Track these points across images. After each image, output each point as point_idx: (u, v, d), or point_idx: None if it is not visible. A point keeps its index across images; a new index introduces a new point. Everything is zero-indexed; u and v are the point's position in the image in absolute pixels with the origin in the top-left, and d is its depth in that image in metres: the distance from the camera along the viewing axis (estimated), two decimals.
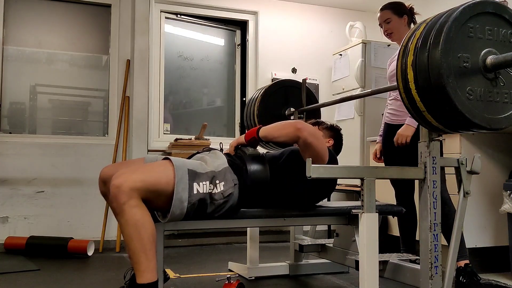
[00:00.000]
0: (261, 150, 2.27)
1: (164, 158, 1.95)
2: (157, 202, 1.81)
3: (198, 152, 2.16)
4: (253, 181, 2.00)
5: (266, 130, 2.10)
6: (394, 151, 2.88)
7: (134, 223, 1.71)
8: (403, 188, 2.88)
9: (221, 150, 2.18)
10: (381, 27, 3.01)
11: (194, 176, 1.84)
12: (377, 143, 3.13)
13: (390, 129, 2.91)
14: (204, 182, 1.86)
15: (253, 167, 2.02)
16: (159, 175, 1.81)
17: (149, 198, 1.77)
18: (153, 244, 1.75)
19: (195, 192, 1.83)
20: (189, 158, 2.11)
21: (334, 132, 2.55)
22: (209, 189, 1.87)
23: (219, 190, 1.90)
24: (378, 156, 3.08)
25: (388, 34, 2.97)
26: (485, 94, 1.61)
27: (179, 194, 1.79)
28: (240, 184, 1.97)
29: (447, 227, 2.17)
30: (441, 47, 1.53)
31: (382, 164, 3.06)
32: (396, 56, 2.97)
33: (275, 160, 2.15)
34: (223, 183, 1.91)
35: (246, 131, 2.19)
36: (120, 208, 1.72)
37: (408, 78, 1.63)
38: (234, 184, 1.95)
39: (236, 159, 2.09)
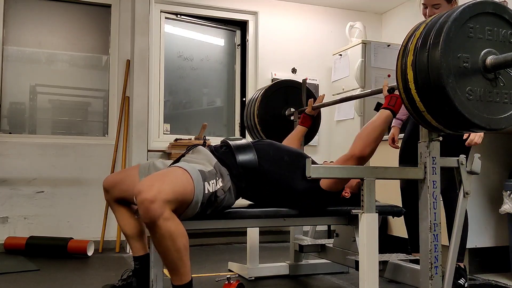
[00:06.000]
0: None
1: (171, 165, 1.96)
2: (177, 209, 1.80)
3: (183, 155, 2.14)
4: (242, 168, 2.05)
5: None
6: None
7: (170, 235, 1.70)
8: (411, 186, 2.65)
9: (204, 144, 2.21)
10: (425, 7, 2.69)
11: (204, 176, 1.88)
12: (393, 126, 2.97)
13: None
14: (212, 181, 1.90)
15: (241, 156, 2.07)
16: (184, 184, 1.80)
17: (174, 207, 1.76)
18: (187, 250, 1.78)
19: (206, 192, 1.86)
20: (176, 161, 2.10)
21: None
22: (214, 187, 1.91)
23: (219, 186, 1.93)
24: (396, 141, 2.92)
25: None
26: (485, 94, 1.60)
27: (197, 197, 1.82)
28: (231, 174, 2.03)
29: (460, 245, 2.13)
30: (441, 47, 1.53)
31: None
32: None
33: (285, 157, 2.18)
34: (220, 179, 1.96)
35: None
36: (154, 223, 1.68)
37: (408, 78, 1.63)
38: (228, 175, 2.01)
39: (220, 150, 2.14)
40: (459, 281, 2.42)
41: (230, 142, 2.14)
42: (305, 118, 2.82)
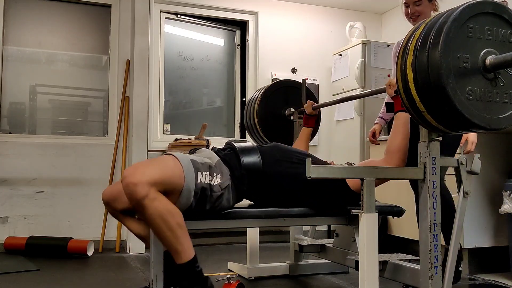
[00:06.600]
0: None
1: (166, 154, 1.97)
2: (168, 194, 1.81)
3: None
4: (246, 170, 2.05)
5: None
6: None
7: (159, 215, 1.72)
8: None
9: (207, 147, 2.22)
10: (406, 6, 2.73)
11: (197, 165, 1.89)
12: (375, 123, 3.00)
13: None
14: (205, 172, 1.91)
15: (246, 158, 2.08)
16: (172, 168, 1.82)
17: (162, 189, 1.77)
18: (183, 227, 1.78)
19: (198, 181, 1.87)
20: None
21: None
22: (209, 179, 1.91)
23: (217, 182, 1.94)
24: (377, 136, 2.95)
25: (414, 18, 2.72)
26: (485, 94, 1.60)
27: (188, 184, 1.83)
28: (232, 175, 2.03)
29: (447, 227, 2.14)
30: (440, 47, 1.53)
31: (377, 146, 3.00)
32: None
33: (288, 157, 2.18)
34: (219, 175, 1.96)
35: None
36: (140, 204, 1.71)
37: (408, 79, 1.63)
38: (229, 174, 2.01)
39: (224, 151, 2.14)
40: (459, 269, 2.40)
41: (235, 144, 2.14)
42: (308, 119, 2.83)
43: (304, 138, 2.80)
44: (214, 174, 1.95)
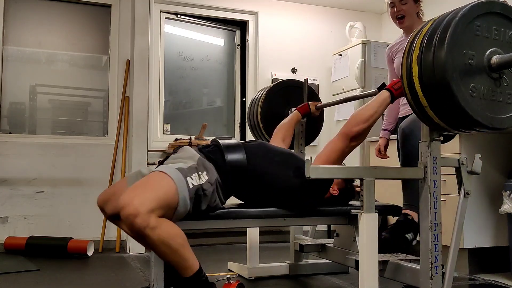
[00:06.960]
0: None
1: (152, 172, 1.94)
2: (167, 213, 1.80)
3: (167, 157, 2.14)
4: (230, 167, 2.03)
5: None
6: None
7: (162, 242, 1.72)
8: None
9: (190, 143, 2.20)
10: (392, 7, 2.74)
11: (184, 172, 1.87)
12: (380, 137, 2.96)
13: None
14: (194, 175, 1.89)
15: (230, 155, 2.05)
16: (166, 189, 1.79)
17: (161, 213, 1.76)
18: (185, 246, 1.79)
19: (190, 186, 1.85)
20: (161, 162, 2.10)
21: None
22: (198, 180, 1.90)
23: (205, 179, 1.92)
24: (382, 152, 2.91)
25: (400, 18, 2.73)
26: (489, 93, 1.60)
27: (182, 193, 1.81)
28: (218, 171, 2.00)
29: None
30: (447, 42, 1.53)
31: (385, 161, 2.97)
32: (398, 46, 2.83)
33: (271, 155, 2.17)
34: (205, 172, 1.94)
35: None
36: (142, 235, 1.70)
37: (413, 73, 1.63)
38: (213, 167, 1.99)
39: (208, 148, 2.12)
40: (406, 235, 2.30)
41: (220, 141, 2.13)
42: (305, 107, 2.79)
43: (291, 122, 2.72)
44: (199, 172, 1.93)
